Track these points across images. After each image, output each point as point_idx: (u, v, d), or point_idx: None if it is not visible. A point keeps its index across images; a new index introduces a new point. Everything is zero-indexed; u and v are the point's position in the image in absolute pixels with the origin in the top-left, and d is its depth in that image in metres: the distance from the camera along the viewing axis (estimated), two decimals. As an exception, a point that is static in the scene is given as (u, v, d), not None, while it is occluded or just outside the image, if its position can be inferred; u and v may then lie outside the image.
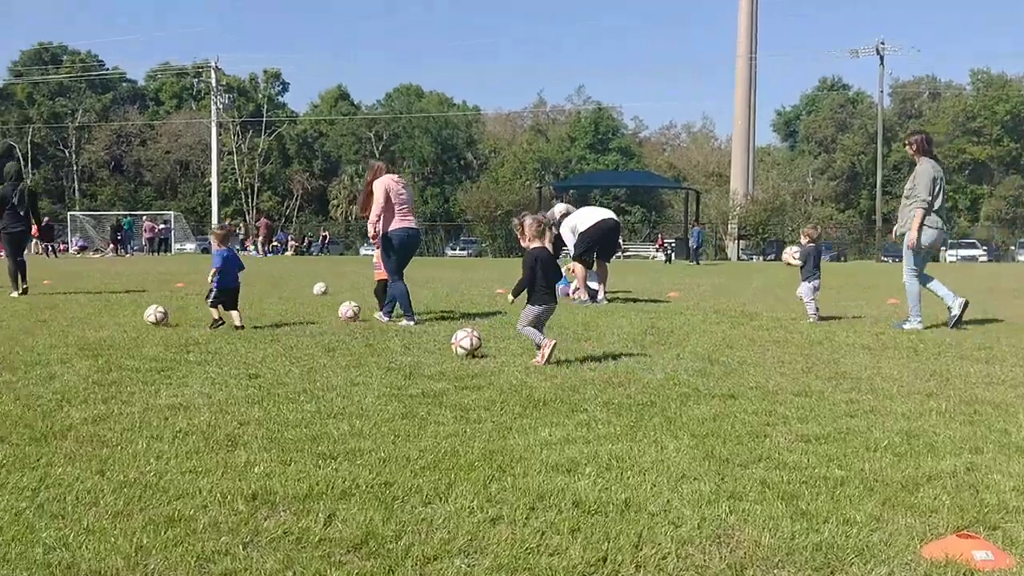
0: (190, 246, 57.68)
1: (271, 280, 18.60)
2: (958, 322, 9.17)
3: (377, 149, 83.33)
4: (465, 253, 56.70)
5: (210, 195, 63.14)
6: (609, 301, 12.54)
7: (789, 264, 10.57)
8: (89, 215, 59.72)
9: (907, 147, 9.54)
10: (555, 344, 6.54)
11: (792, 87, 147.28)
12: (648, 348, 7.52)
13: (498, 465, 3.73)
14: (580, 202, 69.84)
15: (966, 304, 9.23)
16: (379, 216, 9.31)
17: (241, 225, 63.86)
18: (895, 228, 9.61)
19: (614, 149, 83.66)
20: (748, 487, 3.46)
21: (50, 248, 39.73)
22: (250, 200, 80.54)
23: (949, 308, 9.25)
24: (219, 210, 59.83)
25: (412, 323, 9.22)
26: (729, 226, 59.29)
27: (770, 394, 5.41)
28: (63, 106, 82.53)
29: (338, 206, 79.34)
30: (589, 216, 12.88)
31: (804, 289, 10.04)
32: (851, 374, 6.23)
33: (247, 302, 12.06)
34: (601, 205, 75.54)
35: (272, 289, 15.32)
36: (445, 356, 6.88)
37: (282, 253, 51.19)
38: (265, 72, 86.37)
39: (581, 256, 12.49)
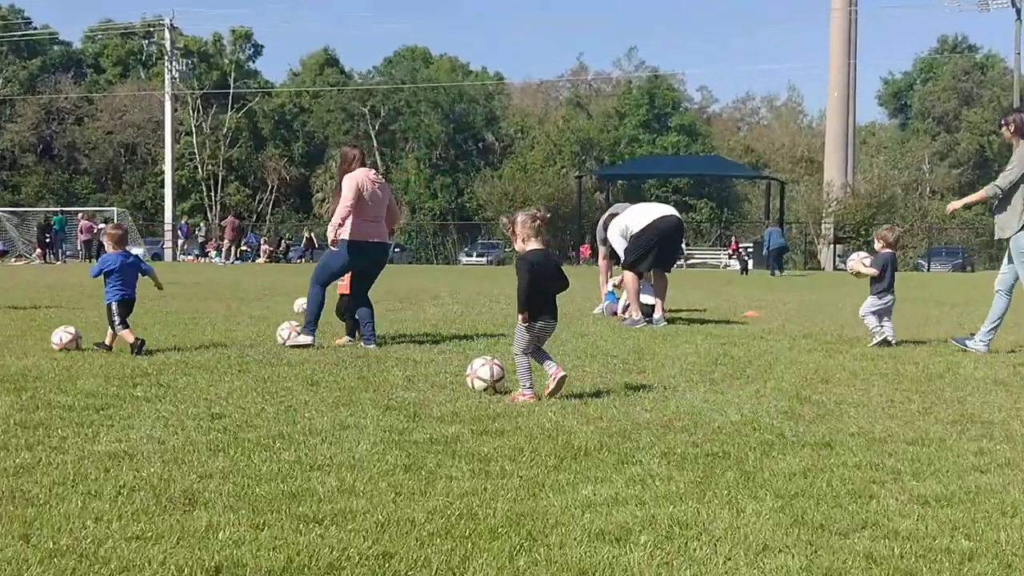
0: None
1: (239, 294, 18.71)
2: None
3: (373, 128, 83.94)
4: (484, 260, 56.96)
5: (163, 187, 63.65)
6: (669, 322, 12.51)
7: (859, 274, 10.78)
8: (10, 212, 60.33)
9: (1004, 128, 9.80)
10: (564, 377, 6.65)
11: (903, 49, 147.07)
12: (719, 383, 7.49)
13: (527, 532, 3.71)
14: (631, 195, 69.89)
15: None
16: (344, 218, 9.53)
17: (202, 225, 64.32)
18: (996, 231, 9.80)
19: (674, 128, 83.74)
20: (849, 562, 3.43)
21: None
22: (213, 193, 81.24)
23: None
24: (174, 205, 60.29)
25: (310, 339, 9.56)
26: (822, 226, 59.01)
27: (876, 442, 5.38)
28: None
29: (323, 200, 79.81)
30: (643, 214, 12.88)
31: (869, 306, 10.40)
32: (981, 417, 6.18)
33: (209, 321, 12.15)
34: (659, 199, 75.58)
35: (241, 306, 15.41)
36: (459, 391, 6.88)
37: (252, 260, 51.58)
38: (233, 32, 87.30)
39: (633, 264, 12.49)
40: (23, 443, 5.13)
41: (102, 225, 50.09)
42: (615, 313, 13.59)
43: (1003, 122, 9.83)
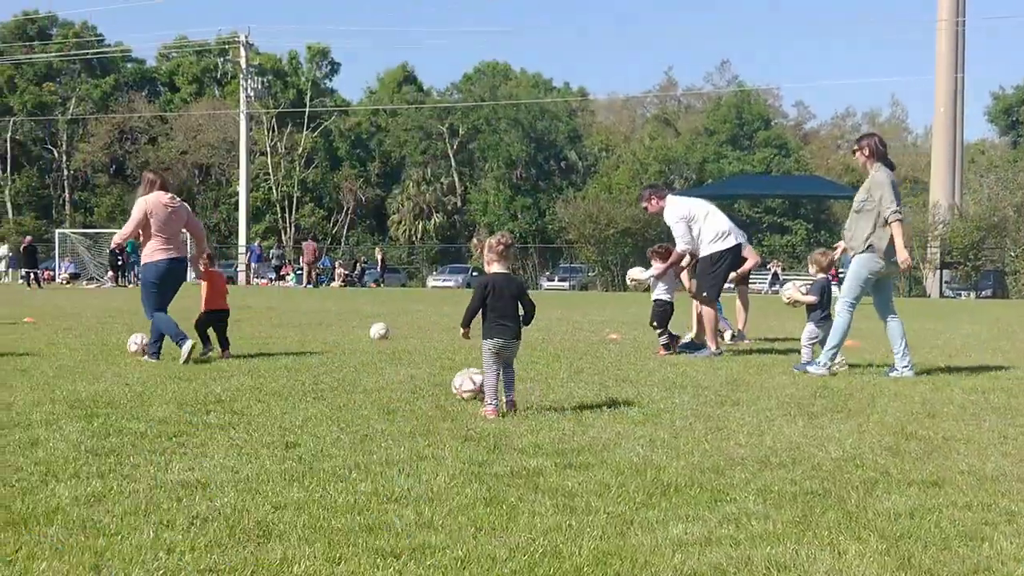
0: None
1: (314, 319, 18.94)
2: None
3: (451, 147, 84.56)
4: (566, 285, 56.84)
5: (237, 208, 64.70)
6: (751, 350, 12.36)
7: (795, 303, 11.34)
8: (83, 233, 61.70)
9: (856, 154, 10.52)
10: (509, 410, 7.25)
11: (1015, 62, 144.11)
12: (819, 416, 7.40)
13: (615, 572, 3.70)
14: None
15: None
16: (126, 236, 11.22)
17: (276, 247, 65.21)
18: (845, 246, 10.60)
19: (762, 144, 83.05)
20: (962, 611, 3.36)
21: (32, 276, 41.27)
22: (288, 214, 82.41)
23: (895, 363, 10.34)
24: (248, 227, 61.25)
25: (186, 346, 10.50)
26: (928, 251, 58.00)
27: (988, 481, 5.28)
28: (52, 94, 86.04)
29: (400, 222, 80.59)
30: (720, 227, 12.59)
31: (811, 334, 10.95)
32: (1105, 456, 6.02)
33: (283, 346, 12.32)
34: (751, 220, 74.96)
35: (315, 331, 15.60)
36: (541, 423, 6.88)
37: (327, 283, 52.17)
38: (309, 49, 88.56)
39: (714, 297, 12.34)
40: (94, 471, 5.23)
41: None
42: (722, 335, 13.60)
43: (857, 147, 10.47)
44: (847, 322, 10.31)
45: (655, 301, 12.45)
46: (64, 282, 50.43)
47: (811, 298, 11.03)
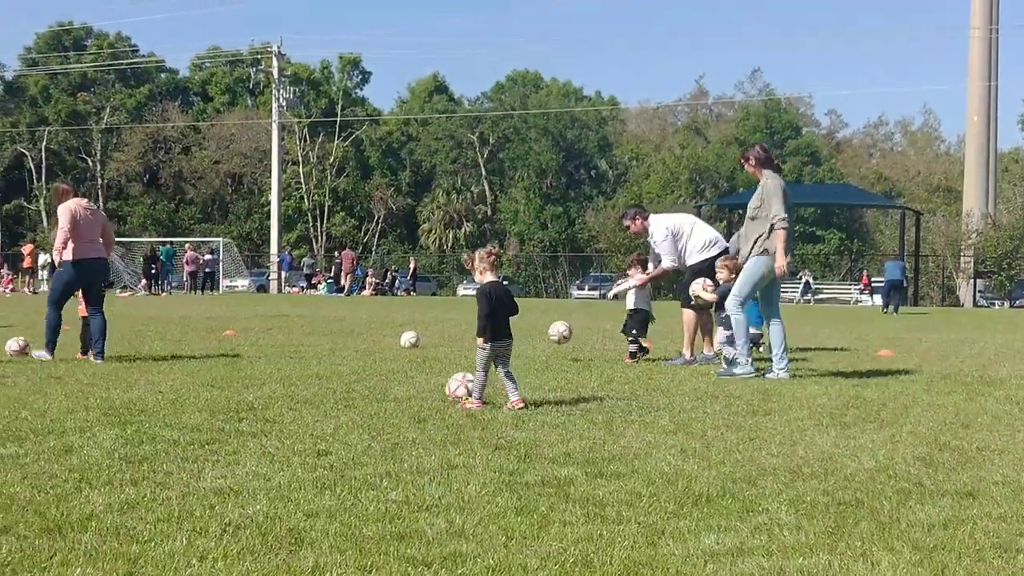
0: (242, 282, 59.50)
1: (345, 327, 19.00)
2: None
3: (482, 156, 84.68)
4: (596, 294, 56.77)
5: (269, 217, 65.00)
6: (791, 360, 12.33)
7: (698, 298, 11.76)
8: (116, 242, 62.09)
9: (747, 164, 11.00)
10: (523, 405, 7.85)
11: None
12: (851, 426, 7.36)
13: (646, 581, 3.68)
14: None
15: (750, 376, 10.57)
16: (64, 242, 11.46)
17: (308, 256, 65.43)
18: (741, 252, 11.07)
19: (792, 152, 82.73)
20: (997, 623, 3.33)
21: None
22: (319, 223, 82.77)
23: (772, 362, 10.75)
24: (280, 236, 61.53)
25: (48, 356, 11.45)
26: (961, 260, 57.67)
27: (1023, 491, 5.24)
28: (86, 103, 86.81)
29: (430, 231, 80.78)
30: (704, 238, 12.68)
31: (721, 337, 11.38)
32: None
33: (315, 354, 12.37)
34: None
35: (346, 339, 15.65)
36: (571, 432, 6.88)
37: (358, 292, 52.35)
38: (340, 58, 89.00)
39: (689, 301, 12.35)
40: (128, 478, 5.26)
41: (208, 256, 51.53)
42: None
43: (743, 159, 11.05)
44: (744, 319, 10.71)
45: (635, 310, 12.49)
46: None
47: (713, 296, 11.44)
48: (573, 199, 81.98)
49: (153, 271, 46.71)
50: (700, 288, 11.69)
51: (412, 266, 58.93)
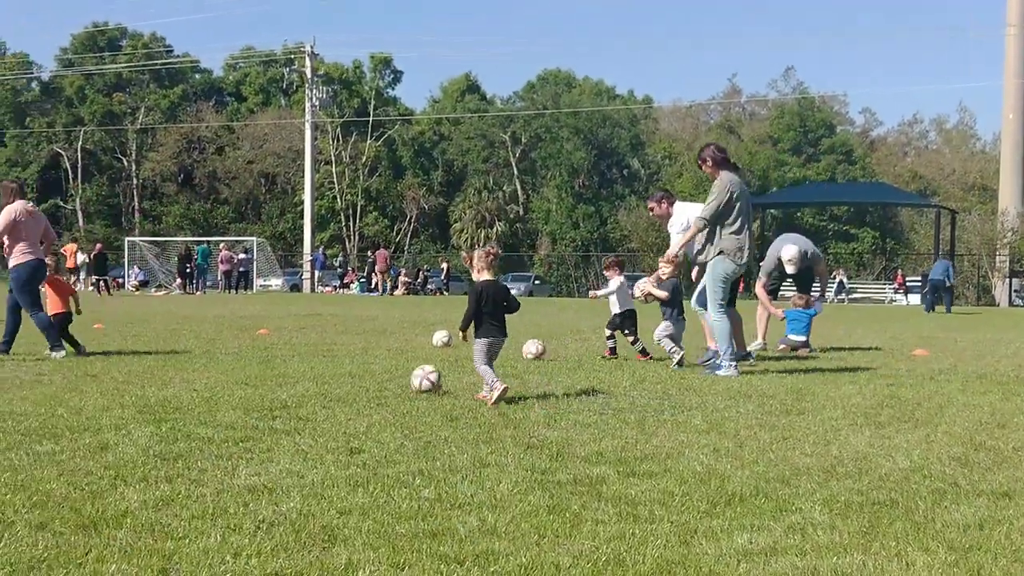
0: (276, 282, 59.76)
1: (377, 327, 19.06)
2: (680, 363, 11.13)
3: (514, 155, 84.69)
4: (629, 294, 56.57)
5: (302, 217, 65.27)
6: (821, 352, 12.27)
7: (648, 297, 11.83)
8: (151, 241, 62.59)
9: (702, 165, 11.13)
10: (506, 388, 8.10)
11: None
12: (886, 426, 7.31)
13: (679, 580, 3.67)
14: (785, 224, 68.63)
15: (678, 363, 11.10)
16: (10, 245, 11.83)
17: (340, 255, 65.66)
18: (700, 257, 11.27)
19: (826, 151, 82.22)
20: (1034, 624, 3.30)
21: (102, 283, 41.94)
22: (352, 223, 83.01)
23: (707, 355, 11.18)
24: (313, 236, 61.76)
25: (60, 355, 11.55)
26: (997, 259, 57.12)
27: (1062, 494, 5.19)
28: (121, 103, 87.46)
29: (462, 231, 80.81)
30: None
31: (664, 330, 11.54)
32: None
33: (347, 353, 12.42)
34: (816, 228, 74.17)
35: (379, 338, 15.69)
36: (603, 431, 6.87)
37: (390, 291, 52.47)
38: (372, 58, 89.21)
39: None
40: (163, 475, 5.30)
41: (242, 255, 51.79)
42: (802, 346, 13.54)
43: (700, 159, 11.14)
44: (727, 324, 10.78)
45: (625, 312, 12.58)
46: (133, 289, 51.17)
47: (663, 293, 11.63)
48: (605, 198, 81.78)
49: (188, 270, 46.97)
50: (648, 285, 11.84)
51: (444, 267, 59.04)
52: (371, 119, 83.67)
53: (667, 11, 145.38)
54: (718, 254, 10.71)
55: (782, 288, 15.43)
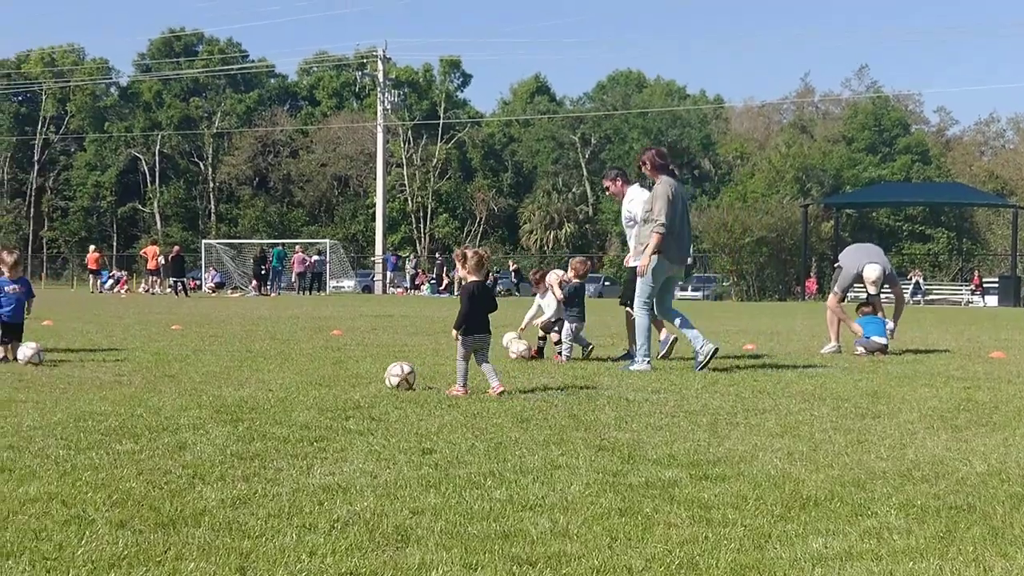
0: (348, 283, 60.25)
1: (448, 328, 19.11)
2: (703, 367, 11.01)
3: (583, 157, 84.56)
4: (699, 295, 56.27)
5: (374, 219, 65.71)
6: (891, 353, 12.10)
7: (549, 287, 12.25)
8: (227, 244, 63.39)
9: (644, 169, 11.50)
10: (503, 391, 8.57)
11: None
12: (963, 429, 7.19)
13: (752, 584, 3.64)
14: (860, 225, 67.66)
15: (714, 352, 11.13)
16: None
17: (412, 257, 65.97)
18: (628, 257, 11.83)
19: (902, 151, 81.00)
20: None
21: (180, 285, 42.58)
22: (423, 225, 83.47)
23: (696, 352, 11.16)
24: (385, 237, 62.14)
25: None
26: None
27: None
28: (198, 107, 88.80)
29: (531, 232, 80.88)
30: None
31: (567, 333, 12.02)
32: None
33: (418, 354, 12.48)
34: (889, 227, 73.07)
35: (450, 339, 15.72)
36: (675, 434, 6.83)
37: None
38: (442, 61, 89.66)
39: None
40: (240, 474, 5.37)
41: (316, 257, 52.30)
42: (880, 350, 13.39)
43: (640, 162, 11.57)
44: (647, 322, 11.23)
45: (559, 320, 12.43)
46: (210, 291, 51.83)
47: (559, 293, 12.09)
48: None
49: (263, 272, 47.50)
50: (554, 279, 12.25)
51: (513, 269, 59.22)
52: (441, 122, 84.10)
53: (739, 10, 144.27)
54: (654, 253, 11.09)
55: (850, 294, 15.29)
